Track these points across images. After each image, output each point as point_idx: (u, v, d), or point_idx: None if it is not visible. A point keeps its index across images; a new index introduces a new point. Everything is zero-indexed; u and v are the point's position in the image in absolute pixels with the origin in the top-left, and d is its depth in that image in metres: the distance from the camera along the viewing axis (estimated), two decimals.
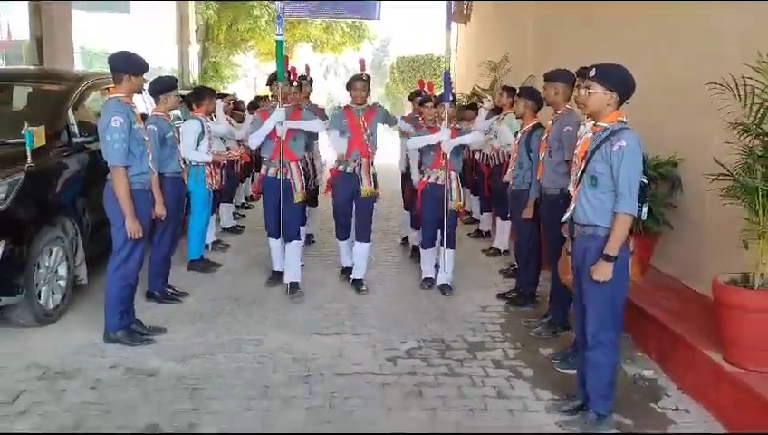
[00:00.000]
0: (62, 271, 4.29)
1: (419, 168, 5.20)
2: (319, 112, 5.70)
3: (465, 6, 13.53)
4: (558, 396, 3.29)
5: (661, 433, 2.99)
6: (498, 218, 6.43)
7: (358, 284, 5.07)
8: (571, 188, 3.17)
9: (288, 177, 4.78)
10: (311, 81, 6.15)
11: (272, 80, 5.00)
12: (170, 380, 3.39)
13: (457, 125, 5.14)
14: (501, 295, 4.98)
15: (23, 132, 3.95)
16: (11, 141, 4.17)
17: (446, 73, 5.07)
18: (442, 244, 5.01)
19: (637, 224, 4.27)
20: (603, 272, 2.80)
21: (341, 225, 5.17)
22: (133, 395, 3.21)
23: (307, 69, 6.20)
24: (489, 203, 6.90)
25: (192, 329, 4.15)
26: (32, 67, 7.85)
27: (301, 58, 23.01)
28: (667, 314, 3.83)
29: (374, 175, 5.02)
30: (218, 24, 18.00)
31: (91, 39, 12.06)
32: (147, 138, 3.91)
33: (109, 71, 3.86)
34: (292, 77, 5.28)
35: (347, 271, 5.29)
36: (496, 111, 6.44)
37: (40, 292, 4.02)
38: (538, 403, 3.25)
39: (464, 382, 3.47)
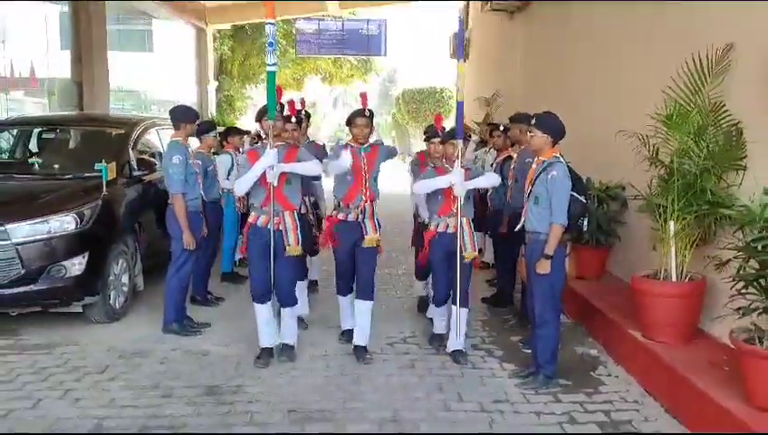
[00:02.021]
0: (125, 279, 5.31)
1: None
2: (317, 150, 5.13)
3: (464, 43, 14.73)
4: (519, 367, 4.25)
5: (635, 433, 3.46)
6: (488, 236, 7.42)
7: (361, 352, 4.39)
8: None
9: (281, 228, 4.15)
10: (308, 115, 5.64)
11: (261, 115, 4.25)
12: (219, 357, 4.40)
13: (466, 164, 4.59)
14: (484, 299, 5.95)
15: (98, 167, 5.04)
16: (86, 175, 5.24)
17: (459, 105, 4.40)
18: (454, 302, 4.36)
19: (591, 237, 5.31)
20: (543, 267, 3.78)
21: (344, 279, 4.57)
22: (193, 367, 4.22)
23: (302, 102, 5.60)
24: (482, 223, 7.89)
25: (231, 324, 5.14)
26: (98, 113, 9.04)
27: (310, 89, 24.35)
28: (610, 306, 4.79)
29: (377, 221, 4.48)
30: (232, 60, 19.39)
31: (118, 77, 13.20)
32: (197, 171, 4.97)
33: (151, 114, 4.93)
34: (290, 111, 4.80)
35: (348, 334, 4.64)
36: (484, 143, 7.50)
37: (110, 294, 5.05)
38: (503, 372, 4.22)
39: (447, 359, 4.42)
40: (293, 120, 4.80)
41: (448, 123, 5.34)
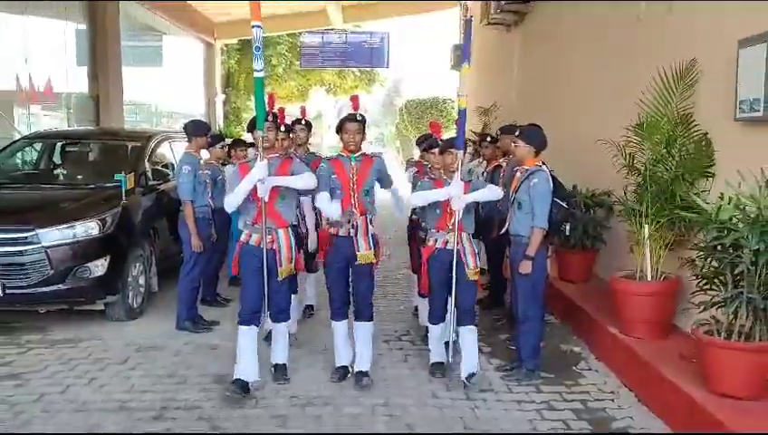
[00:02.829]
0: (142, 281, 5.70)
1: (423, 229, 4.46)
2: (317, 164, 4.38)
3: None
4: (505, 362, 4.59)
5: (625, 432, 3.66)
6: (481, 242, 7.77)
7: (360, 377, 4.10)
8: None
9: (274, 247, 3.91)
10: (308, 125, 5.35)
11: (252, 126, 3.98)
12: (227, 350, 4.73)
13: (465, 176, 4.36)
14: (478, 301, 6.27)
15: (117, 178, 5.46)
16: (106, 184, 5.65)
17: (461, 113, 4.09)
18: (458, 323, 4.18)
19: (579, 241, 5.64)
20: (525, 267, 4.12)
21: (337, 300, 4.16)
22: (204, 359, 4.61)
23: (303, 111, 5.37)
24: (476, 229, 8.23)
25: None
26: (116, 127, 9.59)
27: (315, 100, 24.76)
28: (593, 306, 5.11)
29: (373, 235, 4.14)
30: (239, 73, 19.93)
31: (130, 91, 13.64)
32: (207, 180, 5.36)
33: (163, 128, 5.33)
34: (279, 120, 4.40)
35: (342, 371, 4.20)
36: (478, 154, 7.87)
37: (128, 294, 5.43)
38: (489, 366, 4.57)
39: None
40: (282, 128, 4.43)
41: (448, 133, 5.56)
